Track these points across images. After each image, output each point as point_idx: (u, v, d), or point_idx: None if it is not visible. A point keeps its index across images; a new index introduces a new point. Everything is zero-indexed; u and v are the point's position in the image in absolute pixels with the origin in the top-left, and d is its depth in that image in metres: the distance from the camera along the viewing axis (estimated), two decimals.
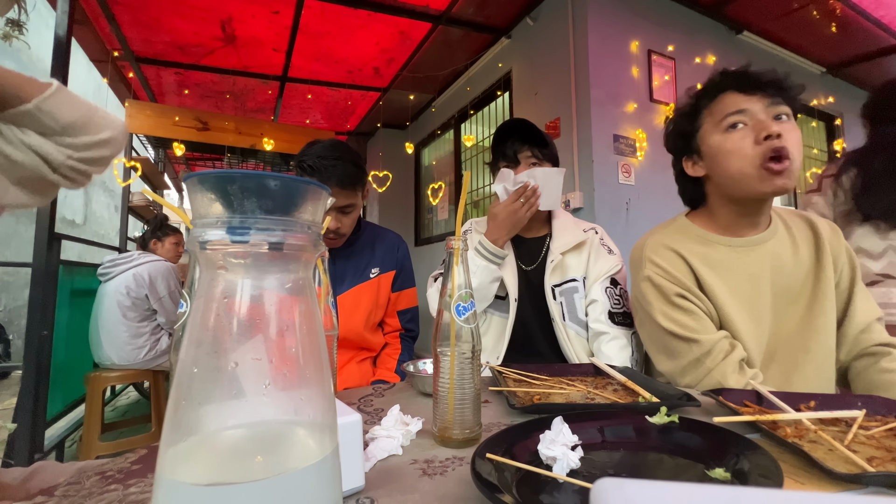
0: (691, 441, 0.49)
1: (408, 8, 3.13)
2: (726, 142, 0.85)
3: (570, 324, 1.14)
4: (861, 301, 0.90)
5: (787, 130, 0.81)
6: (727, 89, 0.88)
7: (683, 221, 0.99)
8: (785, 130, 0.81)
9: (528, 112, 3.28)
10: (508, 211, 1.10)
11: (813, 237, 0.93)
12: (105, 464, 0.51)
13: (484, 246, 1.12)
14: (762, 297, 0.88)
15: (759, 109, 0.83)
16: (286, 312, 0.23)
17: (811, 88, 4.21)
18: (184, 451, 0.21)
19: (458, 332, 0.55)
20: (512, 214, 1.10)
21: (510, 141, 1.19)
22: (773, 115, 0.83)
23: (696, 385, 0.84)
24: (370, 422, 0.63)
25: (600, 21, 2.86)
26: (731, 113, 0.85)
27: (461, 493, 0.41)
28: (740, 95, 0.85)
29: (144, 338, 2.29)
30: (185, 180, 0.22)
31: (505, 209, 1.11)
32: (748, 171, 0.83)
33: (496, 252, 1.11)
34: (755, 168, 0.82)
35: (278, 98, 4.42)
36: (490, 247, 1.11)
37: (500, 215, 1.11)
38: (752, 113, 0.84)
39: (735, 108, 0.85)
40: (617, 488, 0.21)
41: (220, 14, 3.10)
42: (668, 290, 0.89)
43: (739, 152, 0.83)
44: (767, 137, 0.80)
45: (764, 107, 0.83)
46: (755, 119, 0.83)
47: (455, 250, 0.56)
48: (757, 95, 0.84)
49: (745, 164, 0.83)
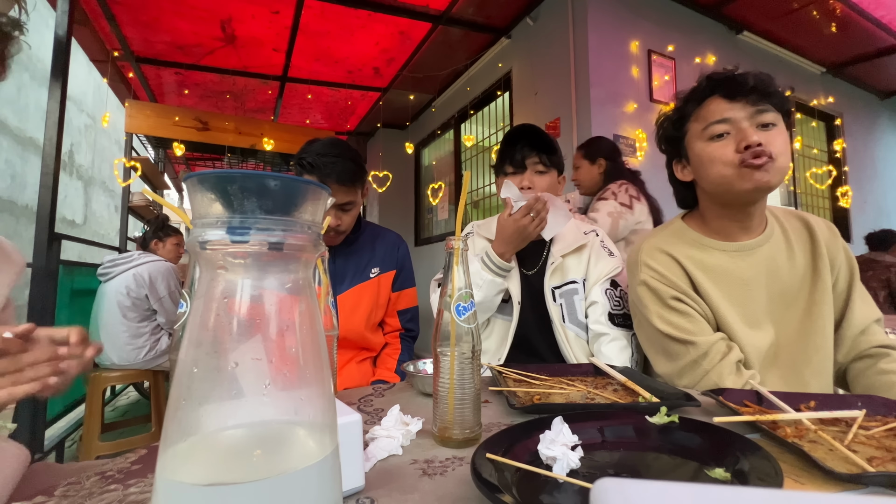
0: (691, 441, 0.49)
1: (408, 8, 3.13)
2: (710, 150, 0.86)
3: (569, 326, 1.14)
4: (860, 303, 0.90)
5: (770, 138, 0.81)
6: (713, 95, 0.87)
7: (679, 225, 0.99)
8: (768, 138, 0.81)
9: (528, 112, 3.28)
10: (519, 226, 1.05)
11: (809, 239, 0.92)
12: (105, 464, 0.51)
13: (491, 259, 1.10)
14: (757, 302, 0.89)
15: (742, 117, 0.83)
16: (286, 312, 0.24)
17: (811, 88, 4.21)
18: (184, 451, 0.21)
19: (458, 332, 0.55)
20: (522, 230, 1.05)
21: (519, 146, 1.18)
22: (757, 123, 0.83)
23: (694, 386, 0.84)
24: (370, 422, 0.63)
25: (600, 21, 2.86)
26: (715, 122, 0.85)
27: (461, 493, 0.41)
28: (725, 102, 0.85)
29: (144, 338, 2.29)
30: (185, 180, 0.22)
31: (515, 224, 1.06)
32: (727, 174, 0.84)
33: (503, 266, 1.10)
34: (734, 168, 0.83)
35: (278, 98, 4.42)
36: (497, 260, 1.09)
37: (509, 229, 1.07)
38: (736, 121, 0.83)
39: (719, 117, 0.85)
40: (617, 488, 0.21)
41: (220, 14, 3.10)
42: (663, 293, 0.89)
43: (721, 159, 0.84)
44: (748, 147, 0.81)
45: (748, 115, 0.83)
46: (738, 128, 0.83)
47: (455, 250, 0.56)
48: (741, 102, 0.83)
49: (724, 169, 0.84)
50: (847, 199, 4.36)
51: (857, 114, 4.71)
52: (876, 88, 4.85)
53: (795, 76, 4.05)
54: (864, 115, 4.78)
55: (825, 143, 4.60)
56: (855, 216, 4.45)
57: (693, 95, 0.91)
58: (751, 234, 0.91)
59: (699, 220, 0.97)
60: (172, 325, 2.38)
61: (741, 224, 0.90)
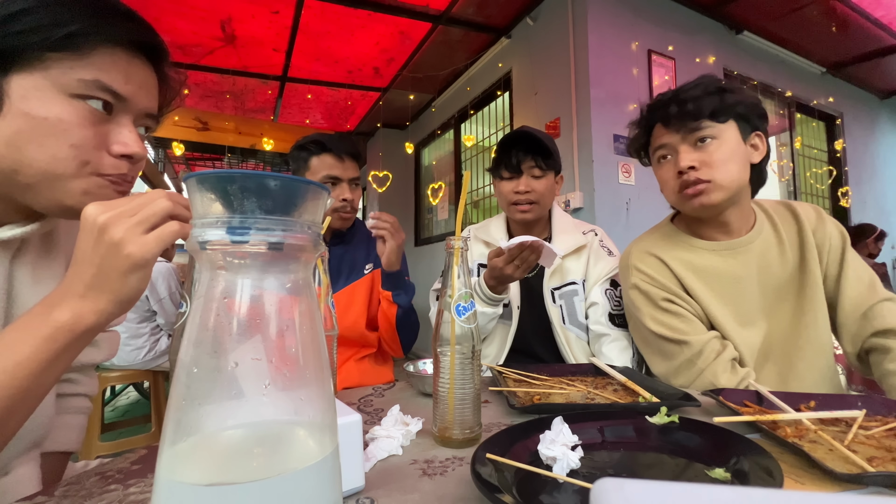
0: (691, 441, 0.49)
1: (408, 8, 3.13)
2: (660, 174, 0.93)
3: (569, 327, 1.14)
4: (850, 288, 0.87)
5: (706, 154, 0.84)
6: (655, 122, 0.92)
7: (668, 227, 1.00)
8: (703, 156, 0.84)
9: (528, 112, 3.28)
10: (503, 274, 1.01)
11: (797, 229, 0.92)
12: (105, 464, 0.51)
13: (482, 291, 1.08)
14: (750, 299, 0.89)
15: (677, 141, 0.87)
16: (286, 312, 0.23)
17: (811, 88, 4.21)
18: (184, 451, 0.21)
19: (458, 332, 0.55)
20: (507, 278, 1.02)
21: (514, 150, 1.18)
22: (692, 141, 0.86)
23: (690, 385, 0.84)
24: (370, 422, 0.63)
25: (600, 21, 2.86)
26: (657, 147, 0.92)
27: (461, 494, 0.41)
28: (663, 128, 0.90)
29: (144, 338, 2.29)
30: (185, 180, 0.22)
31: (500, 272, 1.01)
32: (672, 199, 0.92)
33: (494, 298, 1.08)
34: (675, 194, 0.90)
35: (278, 98, 4.42)
36: (488, 293, 1.07)
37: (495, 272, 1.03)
38: (672, 146, 0.89)
39: (659, 143, 0.91)
40: (617, 488, 0.21)
41: (220, 14, 3.10)
42: (655, 295, 0.91)
43: (667, 183, 0.91)
44: (681, 173, 0.86)
45: (682, 137, 0.87)
46: (674, 151, 0.88)
47: (455, 250, 0.56)
48: (674, 126, 0.87)
49: (669, 193, 0.92)
50: (847, 199, 4.36)
51: (857, 114, 4.71)
52: (876, 88, 4.85)
53: (795, 76, 4.05)
54: (864, 115, 4.78)
55: (825, 142, 4.60)
56: (855, 216, 4.45)
57: (641, 124, 0.97)
58: (735, 233, 0.92)
59: (687, 221, 0.98)
60: (172, 326, 2.38)
61: (720, 228, 0.92)
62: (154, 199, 0.44)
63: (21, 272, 0.55)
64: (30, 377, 0.42)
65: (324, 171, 1.18)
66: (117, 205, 0.43)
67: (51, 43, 0.45)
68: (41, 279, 0.57)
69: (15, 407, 0.42)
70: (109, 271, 0.43)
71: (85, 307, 0.43)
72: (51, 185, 0.48)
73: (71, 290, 0.43)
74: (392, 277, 1.16)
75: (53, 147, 0.47)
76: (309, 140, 1.21)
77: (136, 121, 0.54)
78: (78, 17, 0.47)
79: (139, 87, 0.53)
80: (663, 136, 0.89)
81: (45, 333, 0.42)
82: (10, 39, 0.45)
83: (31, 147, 0.46)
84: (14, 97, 0.46)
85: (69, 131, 0.47)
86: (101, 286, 0.43)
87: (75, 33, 0.46)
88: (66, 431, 0.67)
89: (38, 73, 0.46)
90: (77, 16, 0.47)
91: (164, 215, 0.44)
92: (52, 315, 0.43)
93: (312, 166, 1.19)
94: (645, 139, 0.96)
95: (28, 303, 0.54)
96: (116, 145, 0.51)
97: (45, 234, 0.58)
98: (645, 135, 0.96)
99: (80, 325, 0.43)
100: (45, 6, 0.46)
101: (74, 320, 0.43)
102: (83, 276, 0.43)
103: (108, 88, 0.49)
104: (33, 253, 0.57)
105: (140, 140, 0.54)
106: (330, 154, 1.18)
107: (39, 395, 0.45)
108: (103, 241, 0.42)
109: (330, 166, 1.18)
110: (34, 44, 0.45)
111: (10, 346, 0.42)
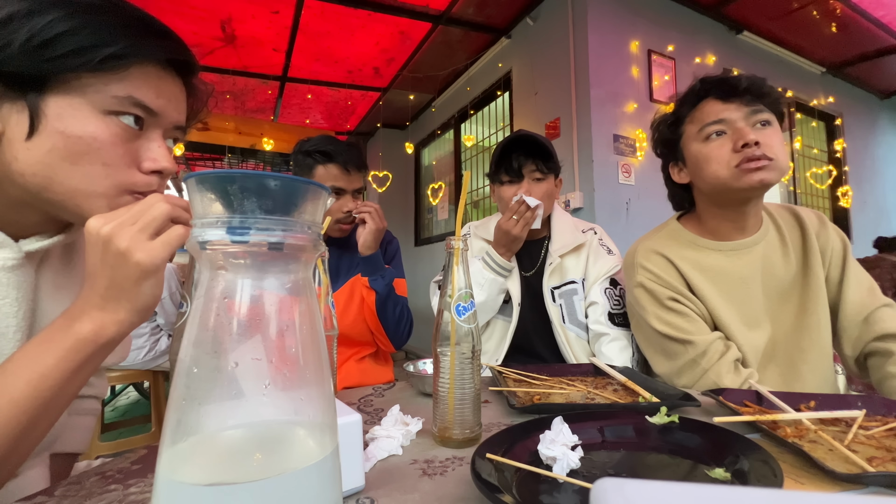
0: (691, 441, 0.49)
1: (408, 8, 3.13)
2: (706, 150, 0.87)
3: (569, 326, 1.14)
4: (852, 292, 0.88)
5: (767, 136, 0.82)
6: (707, 97, 0.88)
7: (675, 226, 0.99)
8: (765, 137, 0.82)
9: (528, 112, 3.28)
10: (503, 230, 1.10)
11: (800, 233, 0.92)
12: (105, 464, 0.51)
13: (492, 258, 1.13)
14: (754, 300, 0.89)
15: (738, 118, 0.84)
16: (286, 312, 0.24)
17: (811, 88, 4.21)
18: (184, 451, 0.21)
19: (458, 332, 0.55)
20: (506, 234, 1.10)
21: (515, 154, 1.17)
22: (752, 122, 0.84)
23: (693, 385, 0.84)
24: (370, 422, 0.63)
25: (600, 21, 2.86)
26: (710, 122, 0.86)
27: (461, 493, 0.41)
28: (720, 103, 0.86)
29: (144, 338, 2.29)
30: (185, 180, 0.22)
31: (499, 229, 1.11)
32: (724, 173, 0.84)
33: (503, 265, 1.12)
34: (730, 169, 0.83)
35: (278, 98, 4.42)
36: (498, 259, 1.13)
37: (497, 233, 1.13)
38: (731, 121, 0.84)
39: (715, 118, 0.86)
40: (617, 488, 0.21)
41: (220, 14, 3.10)
42: (660, 294, 0.90)
43: (718, 159, 0.85)
44: (745, 146, 0.81)
45: (743, 115, 0.84)
46: (734, 127, 0.84)
47: (455, 250, 0.56)
48: (735, 103, 0.85)
49: (720, 168, 0.84)
50: (847, 199, 4.36)
51: (857, 114, 4.71)
52: (876, 88, 4.85)
53: (795, 76, 4.05)
54: (864, 115, 4.78)
55: (825, 143, 4.60)
56: (855, 216, 4.45)
57: (687, 98, 0.92)
58: (746, 233, 0.92)
59: (695, 221, 0.97)
60: (172, 327, 2.38)
61: (737, 224, 0.91)
62: (152, 204, 0.44)
63: (43, 280, 0.55)
64: (53, 388, 0.42)
65: (328, 182, 1.17)
66: (117, 215, 0.44)
67: (92, 65, 0.45)
68: (62, 286, 0.57)
69: (39, 417, 0.43)
70: (122, 281, 0.43)
71: (105, 318, 0.44)
72: (79, 202, 0.48)
73: (90, 302, 0.44)
74: (368, 262, 1.18)
75: (86, 165, 0.47)
76: (316, 147, 1.19)
77: (165, 133, 0.54)
78: (119, 37, 0.46)
79: (169, 100, 0.52)
80: (721, 111, 0.85)
81: (68, 345, 0.43)
82: (51, 64, 0.44)
83: (64, 165, 0.46)
84: (50, 116, 0.45)
85: (102, 150, 0.47)
86: (117, 297, 0.44)
87: (116, 54, 0.46)
88: (76, 433, 0.67)
89: (74, 92, 0.46)
90: (118, 36, 0.46)
91: (164, 219, 0.44)
92: (74, 328, 0.43)
93: (317, 175, 1.18)
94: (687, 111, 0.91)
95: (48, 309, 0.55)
96: (147, 161, 0.51)
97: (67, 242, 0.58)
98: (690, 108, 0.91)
99: (103, 336, 0.44)
100: (86, 27, 0.45)
101: (96, 332, 0.43)
102: (98, 288, 0.44)
103: (141, 104, 0.49)
104: (55, 260, 0.57)
105: (170, 154, 0.54)
106: (336, 165, 1.18)
107: (62, 406, 0.46)
108: (110, 253, 0.42)
109: (335, 177, 1.18)
110: (76, 66, 0.45)
111: (34, 358, 0.42)
